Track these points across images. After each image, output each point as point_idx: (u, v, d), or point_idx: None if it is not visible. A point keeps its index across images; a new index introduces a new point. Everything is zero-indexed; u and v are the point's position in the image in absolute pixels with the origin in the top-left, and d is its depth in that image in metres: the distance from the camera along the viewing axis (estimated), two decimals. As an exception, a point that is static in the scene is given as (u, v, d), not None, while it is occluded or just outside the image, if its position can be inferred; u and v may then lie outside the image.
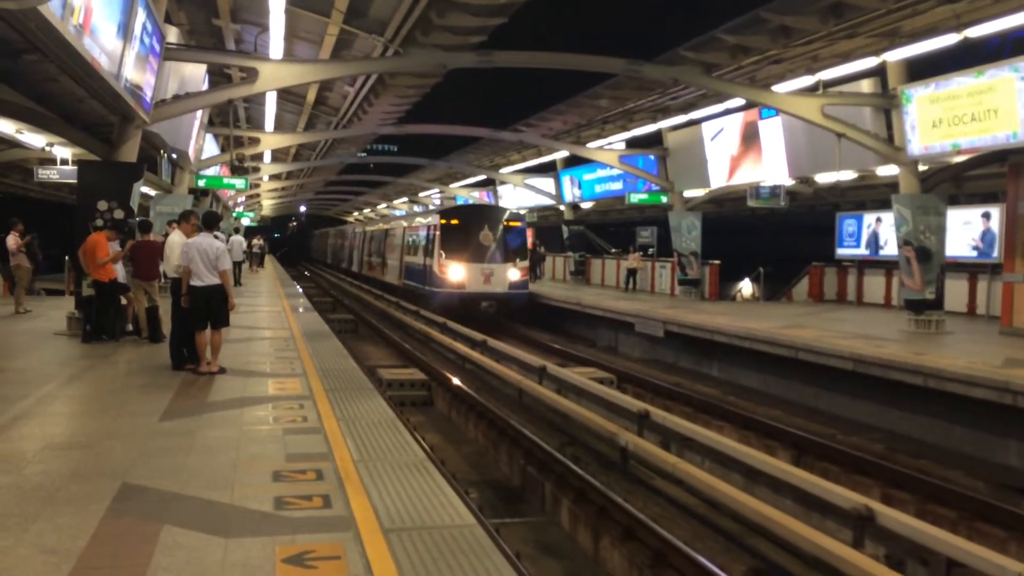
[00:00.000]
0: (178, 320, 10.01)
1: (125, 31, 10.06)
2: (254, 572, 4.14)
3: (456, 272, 23.81)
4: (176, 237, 11.03)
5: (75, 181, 14.79)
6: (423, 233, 26.79)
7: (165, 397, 8.40)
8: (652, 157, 25.53)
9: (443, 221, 24.83)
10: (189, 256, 9.55)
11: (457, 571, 4.23)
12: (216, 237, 10.24)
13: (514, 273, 24.10)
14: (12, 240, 16.50)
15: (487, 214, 25.78)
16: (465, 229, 24.44)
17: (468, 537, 4.70)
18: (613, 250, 35.42)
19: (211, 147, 26.45)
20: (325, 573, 4.15)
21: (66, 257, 17.32)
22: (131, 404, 8.09)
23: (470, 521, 4.99)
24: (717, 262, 25.23)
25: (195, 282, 9.54)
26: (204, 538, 4.56)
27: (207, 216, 10.55)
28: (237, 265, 28.04)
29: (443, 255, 24.06)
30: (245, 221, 54.30)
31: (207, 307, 9.63)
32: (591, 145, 26.69)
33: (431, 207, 45.73)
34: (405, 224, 31.88)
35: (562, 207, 34.38)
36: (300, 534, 4.64)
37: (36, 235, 17.12)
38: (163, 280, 12.44)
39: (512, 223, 25.05)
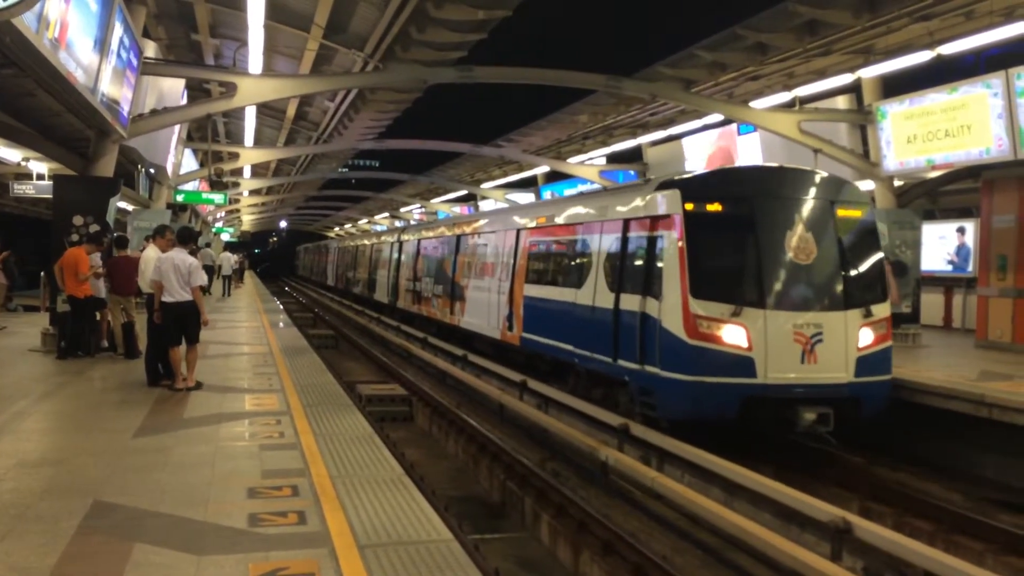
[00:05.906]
0: (154, 336, 9.92)
1: (102, 45, 10.03)
2: (227, 590, 4.10)
3: (734, 334, 9.86)
4: (151, 252, 10.95)
5: (51, 196, 14.69)
6: (605, 238, 12.33)
7: (140, 413, 8.31)
8: (632, 172, 25.67)
9: (689, 207, 10.32)
10: (162, 271, 9.43)
11: (433, 587, 4.20)
12: (192, 253, 10.16)
13: (866, 334, 10.30)
14: None
15: (794, 191, 10.69)
16: (748, 224, 10.34)
17: (445, 552, 4.67)
18: None
19: (190, 162, 26.35)
20: (299, 590, 4.11)
21: (41, 273, 17.14)
22: (105, 421, 8.00)
23: (447, 536, 4.97)
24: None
25: (167, 298, 9.42)
26: (176, 555, 4.51)
27: (182, 231, 10.48)
28: (227, 279, 29.16)
29: (690, 291, 9.97)
30: (225, 236, 54.10)
31: (180, 324, 9.53)
32: (572, 160, 26.78)
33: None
34: (525, 222, 16.21)
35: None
36: (274, 551, 4.60)
37: (13, 252, 16.98)
38: (139, 296, 12.35)
39: (851, 210, 10.82)
